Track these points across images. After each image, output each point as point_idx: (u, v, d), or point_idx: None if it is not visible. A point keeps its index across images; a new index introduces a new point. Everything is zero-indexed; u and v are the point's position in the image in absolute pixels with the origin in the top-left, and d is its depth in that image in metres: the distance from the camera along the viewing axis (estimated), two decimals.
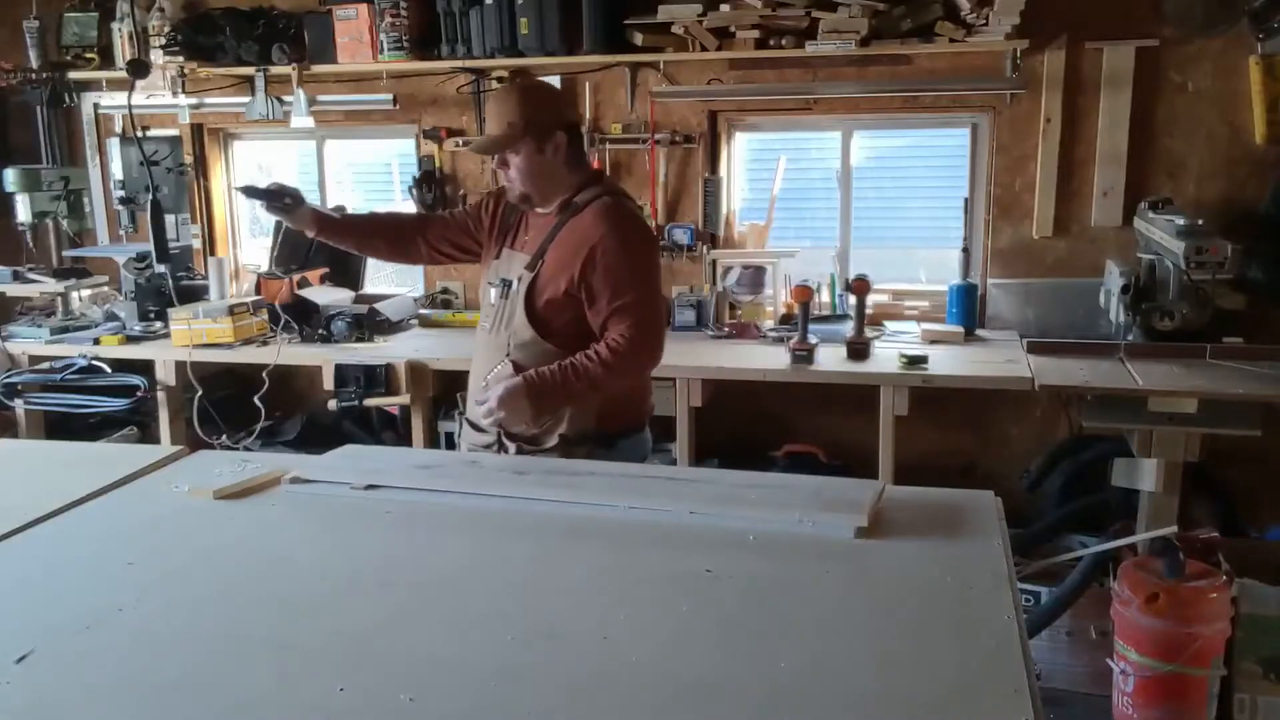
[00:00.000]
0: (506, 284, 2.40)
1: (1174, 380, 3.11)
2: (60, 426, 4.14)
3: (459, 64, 4.18)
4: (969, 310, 3.89)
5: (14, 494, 2.07)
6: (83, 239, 4.65)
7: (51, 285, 4.30)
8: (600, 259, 2.29)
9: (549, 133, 2.30)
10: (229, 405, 4.43)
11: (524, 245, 2.43)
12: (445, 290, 4.54)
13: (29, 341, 4.11)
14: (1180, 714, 2.73)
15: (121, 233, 4.55)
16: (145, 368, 3.94)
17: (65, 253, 4.48)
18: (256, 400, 3.87)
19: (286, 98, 4.37)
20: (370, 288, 4.59)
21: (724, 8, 3.83)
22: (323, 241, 2.67)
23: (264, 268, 4.55)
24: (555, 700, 1.26)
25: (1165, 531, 2.88)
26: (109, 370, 3.93)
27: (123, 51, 4.44)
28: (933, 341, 3.77)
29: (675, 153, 4.22)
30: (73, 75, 4.59)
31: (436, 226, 2.62)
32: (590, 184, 2.40)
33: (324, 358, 3.80)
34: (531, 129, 2.29)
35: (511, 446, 2.39)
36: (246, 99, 4.44)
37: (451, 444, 3.95)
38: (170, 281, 4.12)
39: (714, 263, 4.19)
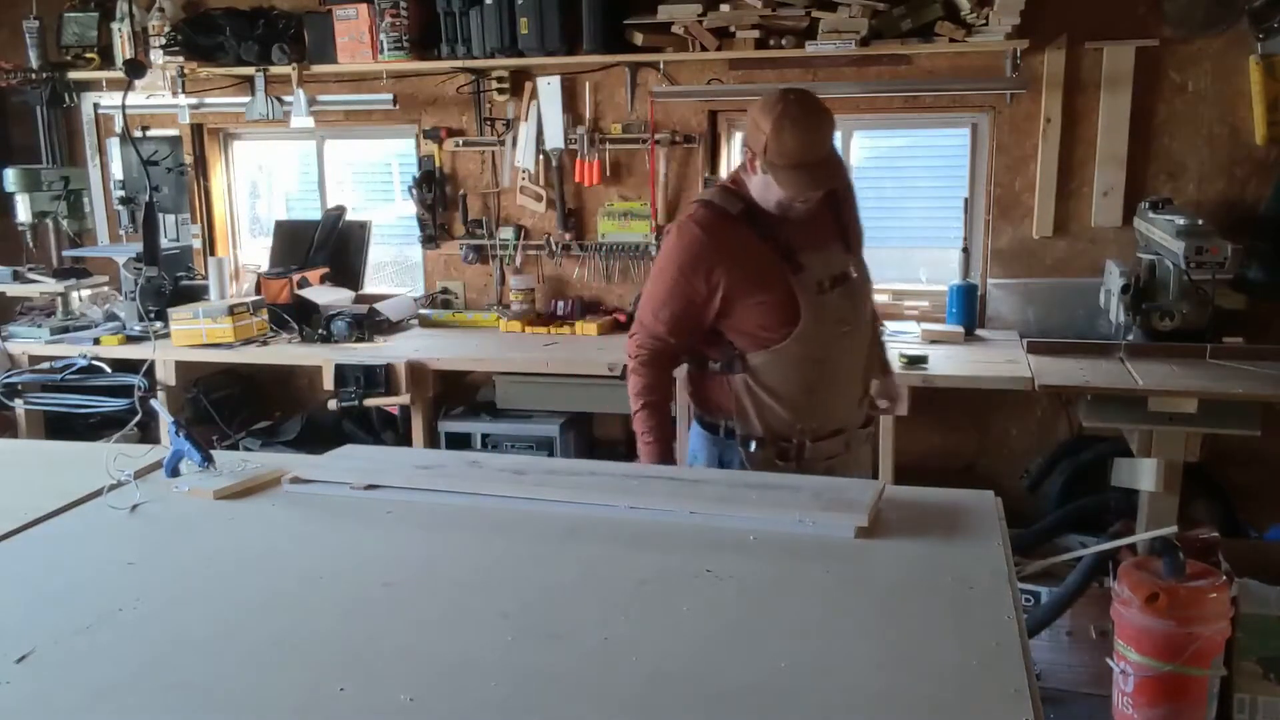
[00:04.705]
0: (843, 277, 2.29)
1: (1174, 380, 3.11)
2: (60, 426, 4.14)
3: (459, 64, 4.18)
4: (969, 310, 3.89)
5: (14, 494, 2.07)
6: (83, 239, 4.65)
7: (51, 285, 4.30)
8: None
9: None
10: (229, 405, 4.44)
11: (811, 242, 2.27)
12: (445, 290, 4.54)
13: (29, 341, 4.11)
14: (1180, 714, 2.73)
15: (121, 233, 4.55)
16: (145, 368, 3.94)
17: (65, 253, 4.47)
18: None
19: (286, 98, 4.37)
20: (370, 288, 4.60)
21: (724, 8, 3.82)
22: None
23: (264, 268, 4.56)
24: (555, 700, 1.26)
25: (1165, 531, 2.88)
26: (109, 370, 3.93)
27: (122, 51, 4.44)
28: (933, 341, 3.76)
29: (675, 153, 4.22)
30: (73, 75, 4.58)
31: (698, 338, 2.36)
32: None
33: (324, 358, 3.80)
34: None
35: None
36: (246, 99, 4.44)
37: (452, 444, 3.95)
38: (166, 283, 4.13)
39: None
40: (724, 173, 4.22)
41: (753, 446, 2.31)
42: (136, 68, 3.89)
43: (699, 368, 2.39)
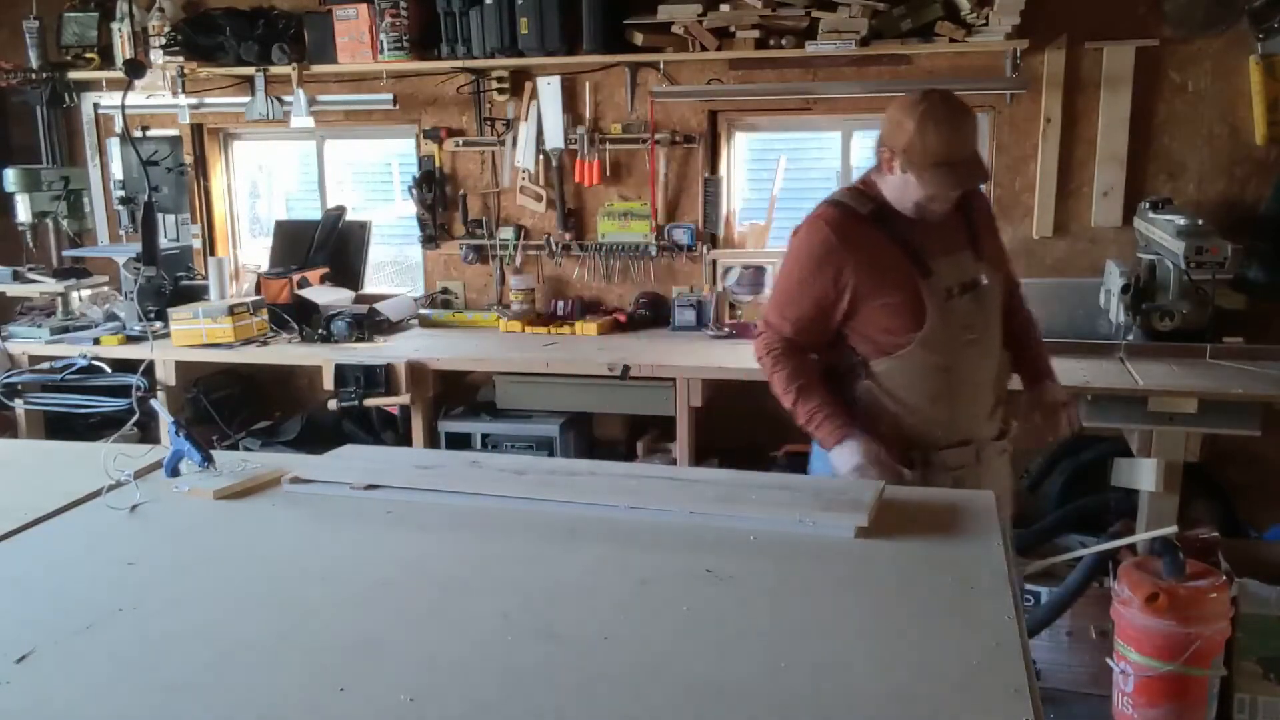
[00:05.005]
0: (972, 284, 2.26)
1: (1174, 380, 3.11)
2: (60, 426, 4.14)
3: (459, 64, 4.18)
4: None
5: (14, 494, 2.07)
6: (83, 239, 4.64)
7: (51, 285, 4.30)
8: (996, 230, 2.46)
9: None
10: (229, 405, 4.44)
11: (942, 247, 2.25)
12: (445, 290, 4.54)
13: (29, 341, 4.11)
14: (1180, 714, 2.73)
15: (121, 233, 4.55)
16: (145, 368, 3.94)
17: (65, 253, 4.47)
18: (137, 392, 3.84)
19: (286, 98, 4.37)
20: (370, 288, 4.60)
21: (724, 8, 3.82)
22: None
23: (264, 268, 4.56)
24: (555, 701, 1.26)
25: (1165, 531, 2.88)
26: (109, 370, 3.93)
27: (122, 51, 4.44)
28: None
29: (675, 153, 4.22)
30: (73, 75, 4.58)
31: (824, 341, 2.34)
32: None
33: (324, 358, 3.80)
34: None
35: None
36: (246, 99, 4.44)
37: (452, 444, 3.95)
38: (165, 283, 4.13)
39: (714, 263, 4.19)
40: (724, 172, 4.23)
41: None
42: (136, 68, 3.89)
43: (823, 374, 2.36)
